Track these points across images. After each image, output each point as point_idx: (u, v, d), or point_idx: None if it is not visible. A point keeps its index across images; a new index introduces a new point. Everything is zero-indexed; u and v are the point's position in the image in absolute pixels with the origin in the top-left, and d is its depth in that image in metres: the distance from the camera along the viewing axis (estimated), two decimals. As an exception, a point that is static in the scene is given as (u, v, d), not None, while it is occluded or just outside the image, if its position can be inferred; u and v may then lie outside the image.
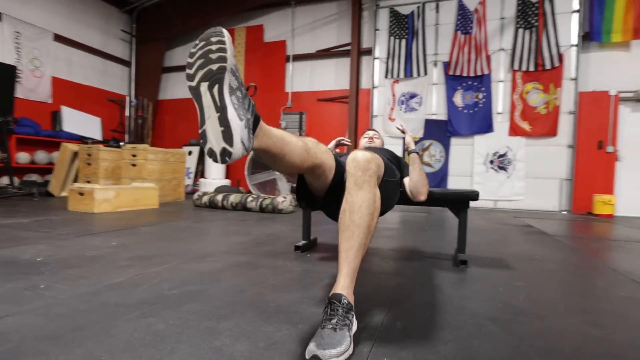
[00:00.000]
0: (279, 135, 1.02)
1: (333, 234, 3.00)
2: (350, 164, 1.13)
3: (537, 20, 5.85)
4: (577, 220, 4.82)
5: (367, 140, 2.16)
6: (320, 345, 0.88)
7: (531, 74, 5.91)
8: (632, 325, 1.26)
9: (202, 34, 0.92)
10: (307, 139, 1.16)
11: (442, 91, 6.38)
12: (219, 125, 0.85)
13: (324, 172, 1.24)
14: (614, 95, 5.65)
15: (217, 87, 0.87)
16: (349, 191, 1.11)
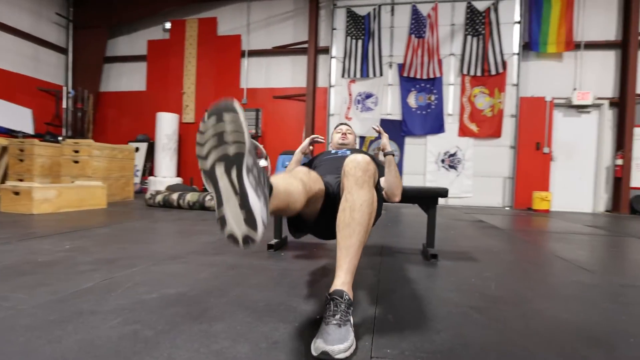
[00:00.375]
0: (283, 191, 1.01)
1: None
2: (350, 164, 1.14)
3: (484, 28, 6.26)
4: (520, 215, 5.24)
5: (341, 136, 2.13)
6: (328, 341, 0.87)
7: (478, 78, 6.32)
8: (590, 306, 1.39)
9: (212, 107, 0.83)
10: (300, 174, 1.17)
11: (397, 92, 6.60)
12: (239, 209, 0.81)
13: (317, 200, 1.26)
14: (549, 101, 6.23)
15: (235, 172, 0.81)
16: (349, 190, 1.11)
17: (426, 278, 1.71)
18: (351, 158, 1.15)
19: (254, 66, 7.15)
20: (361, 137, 6.67)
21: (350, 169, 1.12)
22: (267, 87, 7.07)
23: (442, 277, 1.74)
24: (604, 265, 2.18)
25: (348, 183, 1.12)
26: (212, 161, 0.81)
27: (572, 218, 4.99)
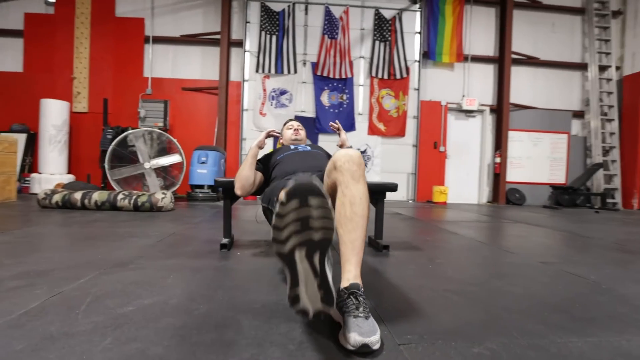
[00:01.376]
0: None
1: (237, 230, 2.82)
2: (343, 158, 1.13)
3: (390, 35, 6.72)
4: (425, 207, 5.76)
5: (294, 132, 2.12)
6: (363, 333, 0.88)
7: (385, 81, 6.77)
8: (533, 281, 1.60)
9: (292, 188, 0.80)
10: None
11: (311, 90, 6.72)
12: (317, 289, 0.83)
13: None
14: (444, 105, 6.96)
15: (318, 257, 0.83)
16: (346, 185, 1.11)
17: (390, 267, 1.78)
18: (343, 153, 1.15)
19: (160, 54, 6.60)
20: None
21: (344, 164, 1.12)
22: (175, 77, 6.59)
23: (403, 266, 1.82)
24: (518, 246, 2.49)
25: (344, 178, 1.11)
26: (292, 245, 0.80)
27: (466, 208, 5.66)
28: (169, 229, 2.64)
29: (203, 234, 2.53)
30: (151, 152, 4.69)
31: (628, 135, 6.98)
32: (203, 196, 5.09)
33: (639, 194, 6.79)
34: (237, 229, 2.82)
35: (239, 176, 1.79)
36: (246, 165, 1.81)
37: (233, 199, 2.03)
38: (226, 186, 1.97)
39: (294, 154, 1.84)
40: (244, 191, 1.80)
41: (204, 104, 6.63)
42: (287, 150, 1.88)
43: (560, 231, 3.36)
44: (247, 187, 1.79)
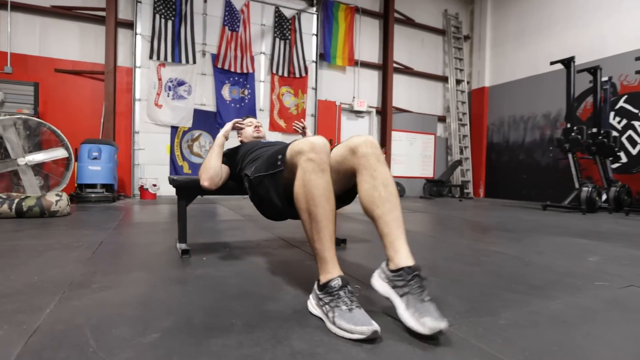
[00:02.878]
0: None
1: (169, 232, 2.65)
2: (363, 145, 1.22)
3: (290, 34, 6.96)
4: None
5: (255, 129, 2.11)
6: (436, 318, 0.94)
7: (285, 79, 7.00)
8: (492, 259, 1.97)
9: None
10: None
11: (211, 83, 6.51)
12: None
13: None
14: (338, 105, 7.58)
15: None
16: (374, 168, 1.19)
17: (363, 259, 1.96)
18: (361, 139, 1.23)
19: (23, 25, 5.47)
20: (173, 127, 6.24)
21: (367, 149, 1.20)
22: (45, 55, 5.56)
23: (372, 257, 2.01)
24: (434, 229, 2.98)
25: (369, 162, 1.19)
26: None
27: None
28: (90, 237, 2.36)
29: (140, 240, 2.34)
30: (26, 144, 3.94)
31: (475, 137, 8.78)
32: (97, 197, 4.50)
33: (483, 185, 8.66)
34: (165, 232, 2.71)
35: (207, 167, 1.75)
36: (213, 155, 1.77)
37: (189, 199, 1.98)
38: (183, 185, 1.93)
39: (267, 144, 1.90)
40: (212, 183, 1.74)
41: (85, 90, 5.79)
42: (258, 145, 1.88)
43: (448, 216, 4.17)
44: (215, 178, 1.75)
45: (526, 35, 7.95)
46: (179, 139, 6.31)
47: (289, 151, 1.25)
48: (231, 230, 2.83)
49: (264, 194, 1.43)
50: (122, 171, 5.80)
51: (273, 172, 1.35)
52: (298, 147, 1.18)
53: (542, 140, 7.69)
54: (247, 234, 2.69)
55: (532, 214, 5.00)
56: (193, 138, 6.43)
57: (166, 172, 6.22)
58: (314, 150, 1.15)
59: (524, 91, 8.01)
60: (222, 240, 2.38)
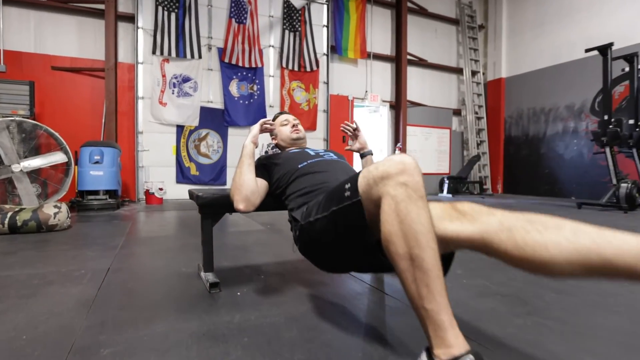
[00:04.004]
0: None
1: (188, 250, 2.31)
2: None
3: (300, 25, 6.57)
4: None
5: (293, 130, 1.70)
6: None
7: (296, 73, 6.62)
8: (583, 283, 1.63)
9: None
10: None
11: (218, 78, 6.14)
12: None
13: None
14: (351, 100, 7.20)
15: None
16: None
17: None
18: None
19: (17, 20, 5.09)
20: (179, 127, 5.88)
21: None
22: (41, 52, 5.19)
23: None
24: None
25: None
26: None
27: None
28: (95, 262, 1.98)
29: (154, 265, 1.97)
30: (21, 149, 3.59)
31: (492, 131, 8.40)
32: (99, 204, 4.15)
33: (501, 180, 8.29)
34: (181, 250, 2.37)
35: (239, 184, 1.37)
36: (244, 168, 1.39)
37: (215, 218, 1.63)
38: (209, 203, 1.57)
39: (321, 162, 1.48)
40: (248, 204, 1.35)
41: (85, 88, 5.42)
42: (306, 157, 1.51)
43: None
44: (252, 198, 1.37)
45: (546, 23, 7.54)
46: (185, 138, 5.95)
47: (364, 179, 0.94)
48: (256, 246, 2.47)
49: (327, 241, 1.09)
50: (125, 174, 5.45)
51: (339, 207, 1.01)
52: (381, 171, 0.88)
53: (565, 132, 7.31)
54: (276, 251, 2.34)
55: (569, 213, 4.65)
56: (200, 137, 6.07)
57: (172, 174, 5.87)
58: (405, 172, 0.85)
59: (544, 82, 7.62)
60: (250, 263, 2.02)
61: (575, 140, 7.19)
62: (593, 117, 6.92)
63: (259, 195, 1.41)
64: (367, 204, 0.93)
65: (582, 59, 6.91)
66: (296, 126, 1.73)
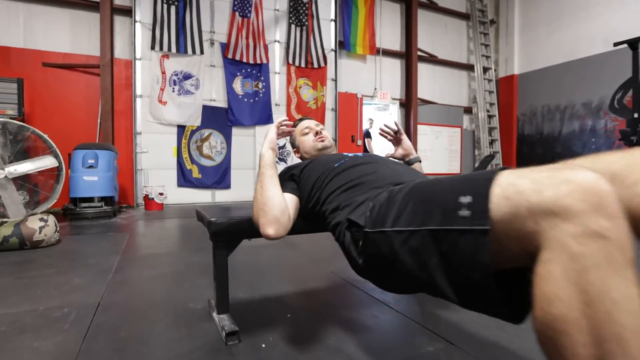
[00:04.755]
0: None
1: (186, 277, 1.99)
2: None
3: (307, 20, 6.23)
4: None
5: (317, 138, 1.40)
6: None
7: (303, 70, 6.29)
8: None
9: None
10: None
11: (221, 75, 5.80)
12: None
13: None
14: (360, 97, 6.87)
15: None
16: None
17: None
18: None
19: (5, 14, 4.73)
20: (180, 127, 5.54)
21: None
22: (31, 48, 4.84)
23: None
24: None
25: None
26: None
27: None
28: (82, 293, 1.63)
29: (154, 298, 1.61)
30: (6, 153, 3.25)
31: (504, 129, 8.08)
32: (94, 212, 3.81)
33: (516, 180, 7.97)
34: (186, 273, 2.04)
35: (264, 203, 1.05)
36: (266, 180, 1.10)
37: (231, 245, 1.29)
38: (225, 230, 1.22)
39: (364, 157, 1.16)
40: (279, 228, 1.04)
41: (79, 86, 5.07)
42: (342, 157, 1.17)
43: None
44: (283, 219, 1.05)
45: (562, 18, 7.22)
46: (186, 139, 5.61)
47: (509, 201, 0.56)
48: (272, 267, 2.13)
49: (409, 266, 0.73)
50: (123, 178, 5.11)
51: (445, 228, 0.65)
52: (550, 199, 0.51)
53: (582, 131, 7.00)
54: (298, 275, 2.00)
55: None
56: (202, 138, 5.74)
57: (173, 178, 5.54)
58: (603, 209, 0.48)
59: (559, 78, 7.30)
60: (271, 293, 1.67)
61: (593, 139, 6.87)
62: (612, 115, 6.60)
63: (289, 215, 1.08)
64: (501, 238, 0.58)
65: (601, 54, 6.59)
66: (320, 133, 1.42)
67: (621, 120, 6.46)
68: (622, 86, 6.54)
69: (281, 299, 1.60)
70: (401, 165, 1.18)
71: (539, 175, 0.54)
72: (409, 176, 1.04)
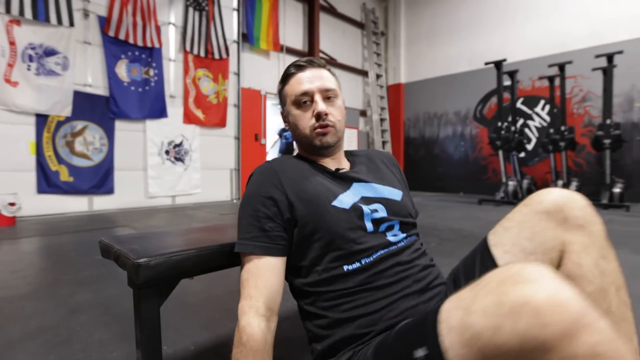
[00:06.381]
0: None
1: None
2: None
3: (207, 4, 5.59)
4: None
5: (318, 126, 0.83)
6: None
7: (202, 60, 5.62)
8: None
9: None
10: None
11: (100, 56, 4.75)
12: None
13: None
14: (264, 94, 6.52)
15: None
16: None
17: None
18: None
19: None
20: (40, 116, 4.31)
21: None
22: None
23: None
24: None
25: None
26: None
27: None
28: None
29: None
30: None
31: (394, 132, 8.80)
32: None
33: (405, 179, 8.75)
34: (69, 333, 1.45)
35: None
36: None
37: (164, 291, 0.85)
38: (163, 272, 0.79)
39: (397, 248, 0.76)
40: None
41: None
42: (356, 207, 0.76)
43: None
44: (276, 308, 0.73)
45: (438, 37, 8.23)
46: (50, 132, 4.39)
47: (464, 347, 0.47)
48: (201, 303, 1.68)
49: None
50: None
51: None
52: (517, 335, 0.42)
53: (454, 135, 8.10)
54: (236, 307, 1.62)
55: (473, 209, 5.01)
56: (75, 132, 4.58)
57: (31, 182, 4.27)
58: (585, 328, 0.41)
59: (437, 89, 8.31)
60: (207, 340, 1.26)
61: (462, 143, 8.02)
62: (476, 123, 7.82)
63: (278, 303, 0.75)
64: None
65: (467, 72, 7.74)
66: (323, 117, 0.82)
67: (482, 128, 7.70)
68: (482, 100, 7.81)
69: (223, 346, 1.22)
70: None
71: (484, 302, 0.45)
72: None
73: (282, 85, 0.90)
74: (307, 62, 0.87)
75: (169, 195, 5.35)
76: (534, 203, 0.69)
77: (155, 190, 5.19)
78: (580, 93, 6.46)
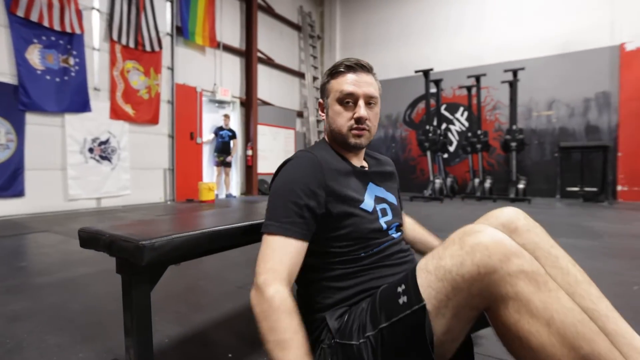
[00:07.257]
0: None
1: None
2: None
3: (137, -9, 5.20)
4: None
5: (356, 127, 0.90)
6: None
7: (132, 51, 5.22)
8: None
9: None
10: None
11: (5, 38, 4.15)
12: None
13: None
14: (199, 92, 6.27)
15: None
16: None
17: None
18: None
19: None
20: None
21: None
22: None
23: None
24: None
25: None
26: None
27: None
28: None
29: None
30: None
31: (330, 134, 9.05)
32: None
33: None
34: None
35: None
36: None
37: (154, 275, 0.85)
38: (157, 260, 0.76)
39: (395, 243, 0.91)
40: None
41: None
42: (373, 209, 0.89)
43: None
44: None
45: (369, 44, 8.71)
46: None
47: (439, 281, 0.66)
48: (204, 282, 1.63)
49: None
50: None
51: (393, 321, 0.68)
52: (474, 267, 0.62)
53: (386, 137, 8.62)
54: (208, 299, 1.61)
55: (409, 205, 5.40)
56: None
57: None
58: (512, 253, 0.62)
59: (370, 94, 8.74)
60: (197, 328, 1.29)
61: (393, 144, 8.55)
62: (405, 127, 8.41)
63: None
64: (440, 317, 0.66)
65: (397, 79, 8.29)
66: (363, 121, 0.88)
67: (411, 130, 8.31)
68: (411, 105, 8.42)
69: (204, 336, 1.22)
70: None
71: (451, 249, 0.66)
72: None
73: (328, 79, 0.95)
74: (358, 65, 0.91)
75: (94, 198, 4.86)
76: (492, 218, 0.86)
77: (77, 192, 4.68)
78: (491, 102, 7.31)
